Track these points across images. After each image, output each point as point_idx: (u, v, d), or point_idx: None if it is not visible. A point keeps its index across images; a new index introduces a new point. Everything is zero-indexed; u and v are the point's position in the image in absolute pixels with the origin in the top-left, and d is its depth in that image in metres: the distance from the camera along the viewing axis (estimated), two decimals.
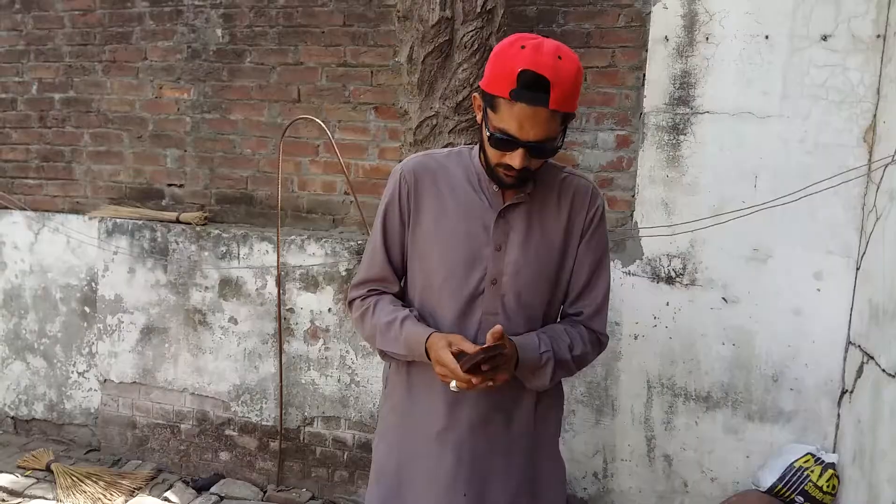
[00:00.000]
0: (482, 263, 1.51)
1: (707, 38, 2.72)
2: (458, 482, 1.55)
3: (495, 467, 1.57)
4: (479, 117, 1.47)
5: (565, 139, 1.51)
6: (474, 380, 1.36)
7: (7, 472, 3.31)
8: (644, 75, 2.83)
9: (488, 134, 1.40)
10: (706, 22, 2.71)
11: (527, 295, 1.53)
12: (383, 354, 1.62)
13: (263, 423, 3.32)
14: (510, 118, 1.35)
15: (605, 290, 1.61)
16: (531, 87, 1.31)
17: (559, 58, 1.32)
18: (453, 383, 1.41)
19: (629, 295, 2.87)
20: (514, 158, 1.38)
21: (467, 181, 1.55)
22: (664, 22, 2.76)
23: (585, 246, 1.57)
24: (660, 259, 2.83)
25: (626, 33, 2.85)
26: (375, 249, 1.62)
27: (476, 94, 1.46)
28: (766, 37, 2.65)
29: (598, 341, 1.62)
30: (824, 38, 2.59)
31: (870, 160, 2.56)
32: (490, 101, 1.39)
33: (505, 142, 1.37)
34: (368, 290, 1.64)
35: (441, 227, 1.53)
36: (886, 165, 2.39)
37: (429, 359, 1.47)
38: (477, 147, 1.56)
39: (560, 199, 1.55)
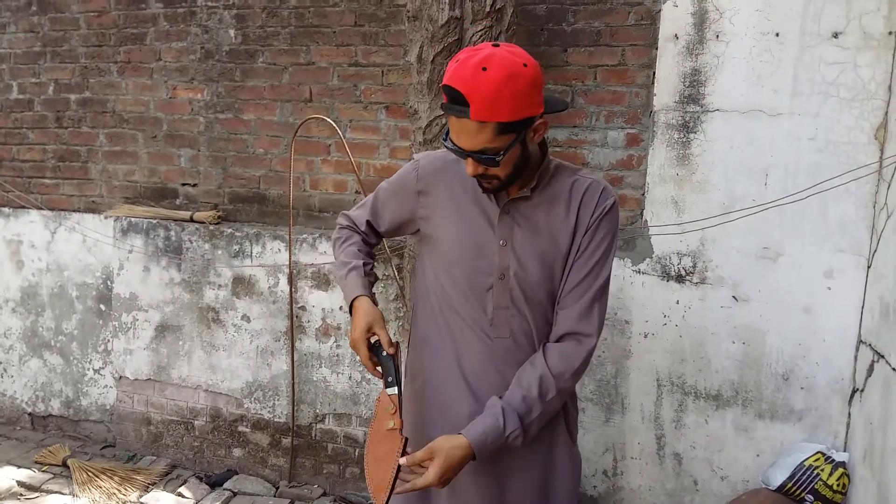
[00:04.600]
0: (490, 258, 1.56)
1: (717, 36, 2.71)
2: (479, 475, 1.59)
3: (515, 462, 1.61)
4: None
5: (547, 138, 1.62)
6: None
7: (24, 468, 3.36)
8: (654, 73, 2.82)
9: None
10: (716, 20, 2.71)
11: (532, 290, 1.57)
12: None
13: (276, 419, 3.35)
14: (452, 130, 1.44)
15: (599, 288, 1.56)
16: (453, 101, 1.38)
17: (483, 69, 1.33)
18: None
19: (639, 293, 2.87)
20: (468, 167, 1.48)
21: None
22: (674, 20, 2.76)
23: (587, 239, 1.56)
24: (670, 257, 2.83)
25: (635, 31, 2.85)
26: (369, 205, 1.78)
27: None
28: (777, 34, 2.64)
29: (577, 354, 1.56)
30: (835, 35, 2.58)
31: (881, 157, 2.55)
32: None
33: (455, 152, 1.46)
34: (348, 224, 1.80)
35: (452, 216, 1.61)
36: None
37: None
38: None
39: (570, 200, 1.57)
